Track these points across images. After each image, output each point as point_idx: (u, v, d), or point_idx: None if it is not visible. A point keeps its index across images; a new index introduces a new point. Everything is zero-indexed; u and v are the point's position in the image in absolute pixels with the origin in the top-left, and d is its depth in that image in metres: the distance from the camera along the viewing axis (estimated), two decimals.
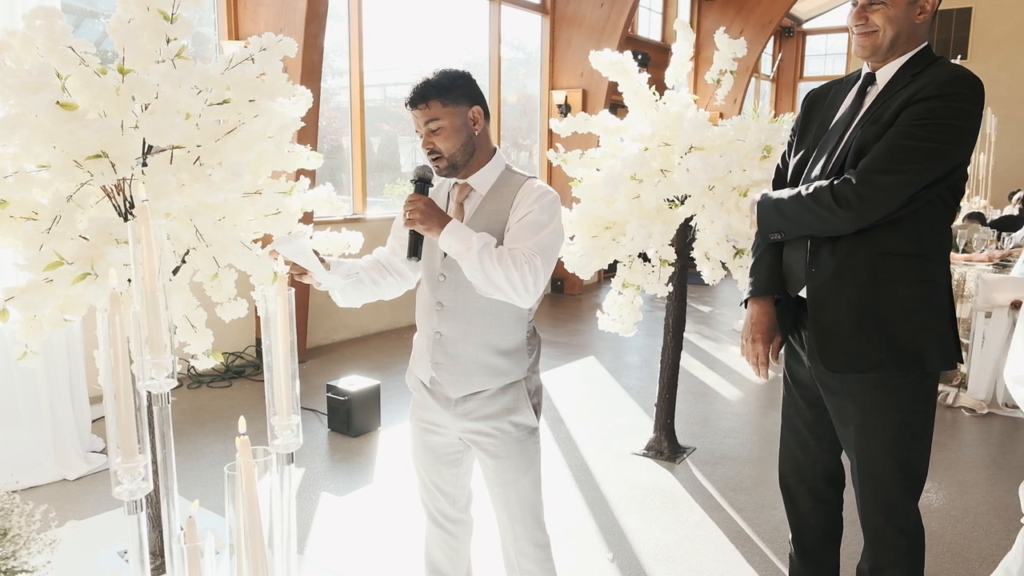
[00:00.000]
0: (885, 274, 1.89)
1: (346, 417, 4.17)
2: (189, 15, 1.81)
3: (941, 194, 1.90)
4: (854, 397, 1.98)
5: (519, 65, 8.85)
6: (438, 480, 2.02)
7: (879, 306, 1.89)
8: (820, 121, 2.09)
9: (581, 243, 3.46)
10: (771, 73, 14.51)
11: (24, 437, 3.53)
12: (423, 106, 1.79)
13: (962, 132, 1.84)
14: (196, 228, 1.83)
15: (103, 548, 1.95)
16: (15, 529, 1.06)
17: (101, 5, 5.02)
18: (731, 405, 4.82)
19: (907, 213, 1.86)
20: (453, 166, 1.84)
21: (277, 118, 1.95)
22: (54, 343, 3.56)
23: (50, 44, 1.66)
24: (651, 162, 3.30)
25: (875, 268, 1.90)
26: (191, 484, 3.43)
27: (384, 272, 2.01)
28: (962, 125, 1.83)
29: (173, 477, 1.12)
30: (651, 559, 2.89)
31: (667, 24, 11.05)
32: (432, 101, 1.78)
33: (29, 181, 1.68)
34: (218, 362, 2.00)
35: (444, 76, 1.80)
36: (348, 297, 1.97)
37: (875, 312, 1.89)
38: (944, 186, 1.88)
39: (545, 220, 1.79)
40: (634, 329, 3.53)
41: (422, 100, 1.79)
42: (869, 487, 2.02)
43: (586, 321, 7.24)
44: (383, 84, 7.35)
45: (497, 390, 1.89)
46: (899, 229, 1.87)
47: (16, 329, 1.74)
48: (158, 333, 1.05)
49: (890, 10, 1.88)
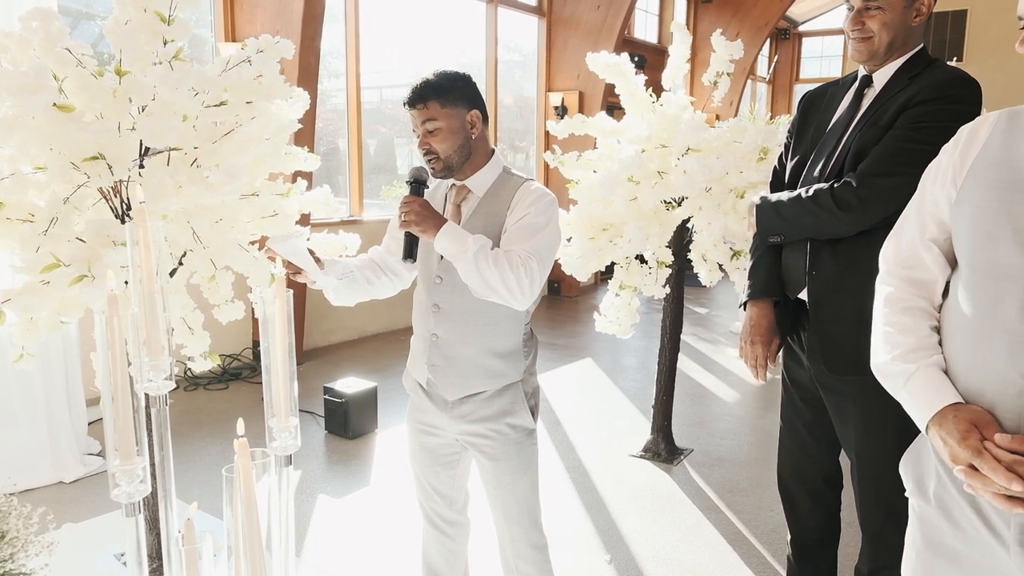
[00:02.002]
0: None
1: (343, 419, 4.17)
2: (186, 17, 1.81)
3: None
4: (854, 398, 1.98)
5: (516, 67, 8.86)
6: (435, 482, 2.02)
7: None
8: (817, 123, 2.09)
9: (578, 245, 3.46)
10: (767, 75, 14.55)
11: (20, 439, 3.52)
12: (421, 106, 1.79)
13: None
14: (193, 230, 1.83)
15: (100, 551, 1.95)
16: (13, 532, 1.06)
17: (97, 7, 5.02)
18: (728, 407, 4.82)
19: None
20: (448, 167, 1.84)
21: (274, 120, 1.95)
22: (50, 345, 3.55)
23: (47, 46, 1.65)
24: (648, 164, 3.30)
25: (876, 270, 1.90)
26: (188, 486, 3.42)
27: (379, 271, 2.01)
28: (960, 127, 1.84)
29: (171, 479, 1.12)
30: (648, 560, 2.89)
31: (663, 26, 11.07)
32: (430, 102, 1.78)
33: (26, 183, 1.67)
34: (215, 364, 1.99)
35: (444, 78, 1.80)
36: (342, 296, 1.97)
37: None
38: None
39: (542, 222, 1.79)
40: (631, 331, 3.53)
41: (420, 100, 1.79)
42: (870, 487, 2.02)
43: (583, 323, 7.25)
44: (379, 86, 7.35)
45: (494, 392, 1.89)
46: None
47: (12, 331, 1.73)
48: (156, 335, 1.05)
49: (887, 15, 1.88)
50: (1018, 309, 1.12)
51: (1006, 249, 1.15)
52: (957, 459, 1.12)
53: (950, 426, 1.14)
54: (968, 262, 1.22)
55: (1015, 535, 1.11)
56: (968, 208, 1.23)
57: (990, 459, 1.07)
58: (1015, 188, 1.17)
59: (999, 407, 1.13)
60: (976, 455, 1.08)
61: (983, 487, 1.08)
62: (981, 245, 1.19)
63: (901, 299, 1.33)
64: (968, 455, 1.09)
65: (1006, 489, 1.05)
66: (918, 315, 1.30)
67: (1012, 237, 1.15)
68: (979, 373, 1.17)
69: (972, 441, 1.10)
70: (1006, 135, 1.22)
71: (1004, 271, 1.15)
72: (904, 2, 1.89)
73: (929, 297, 1.31)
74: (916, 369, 1.23)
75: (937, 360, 1.23)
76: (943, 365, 1.23)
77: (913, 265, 1.34)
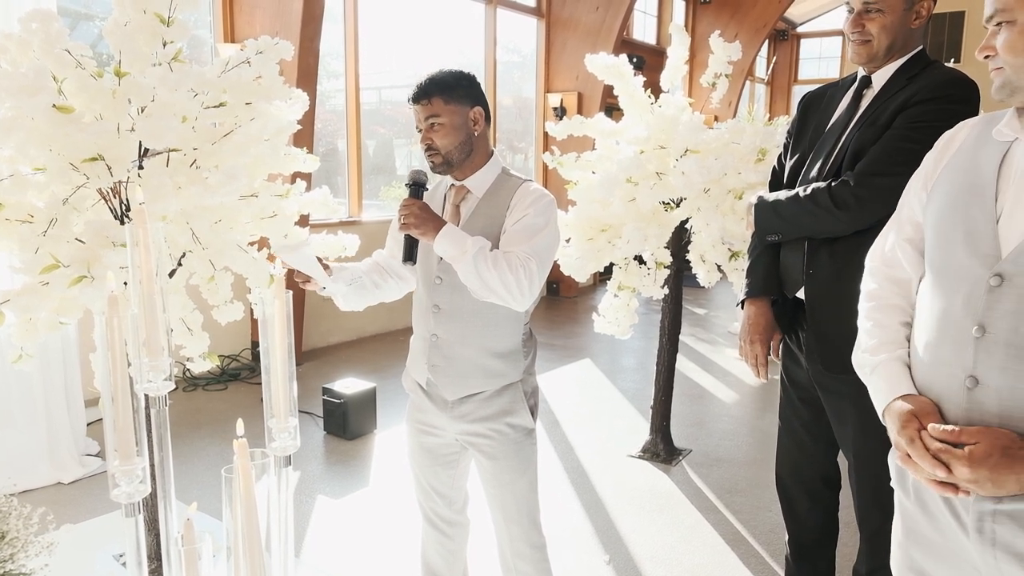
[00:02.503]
0: None
1: (342, 420, 4.16)
2: (185, 18, 1.82)
3: None
4: (852, 397, 1.98)
5: (514, 68, 8.86)
6: (435, 482, 2.03)
7: None
8: (816, 124, 2.10)
9: (577, 245, 3.46)
10: (766, 76, 14.55)
11: (19, 440, 3.51)
12: (425, 101, 1.81)
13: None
14: (192, 231, 1.83)
15: (99, 551, 1.95)
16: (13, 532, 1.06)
17: (96, 8, 5.02)
18: (727, 407, 4.83)
19: None
20: (448, 163, 1.85)
21: (273, 121, 1.95)
22: (49, 346, 3.54)
23: (46, 47, 1.65)
24: (647, 165, 3.31)
25: None
26: (187, 487, 3.42)
27: (385, 275, 2.03)
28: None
29: (170, 480, 1.12)
30: (647, 561, 2.89)
31: (662, 27, 11.07)
32: (434, 98, 1.80)
33: (25, 184, 1.67)
34: (214, 365, 2.00)
35: (448, 74, 1.83)
36: (351, 301, 1.99)
37: None
38: None
39: (540, 223, 1.80)
40: (630, 331, 3.53)
41: (424, 96, 1.81)
42: (867, 487, 2.03)
43: (582, 323, 7.25)
44: (378, 87, 7.35)
45: (493, 392, 1.89)
46: None
47: (12, 332, 1.73)
48: (155, 336, 1.05)
49: (887, 18, 1.89)
50: (963, 307, 1.18)
51: (958, 250, 1.21)
52: (897, 446, 1.22)
53: (895, 415, 1.23)
54: (929, 263, 1.29)
55: (973, 521, 1.16)
56: (932, 210, 1.29)
57: (919, 447, 1.16)
58: (972, 191, 1.22)
59: (945, 400, 1.20)
60: (909, 443, 1.17)
61: (917, 472, 1.17)
62: (939, 246, 1.26)
63: (880, 296, 1.40)
64: (903, 443, 1.19)
65: (933, 475, 1.14)
66: (892, 312, 1.37)
67: (963, 239, 1.20)
68: (932, 367, 1.23)
69: (909, 430, 1.18)
70: (976, 140, 1.27)
71: (956, 272, 1.21)
72: (904, 5, 1.89)
73: (906, 295, 1.38)
74: (880, 362, 1.31)
75: (900, 355, 1.31)
76: (906, 360, 1.30)
77: (892, 264, 1.41)
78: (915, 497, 1.30)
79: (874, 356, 1.33)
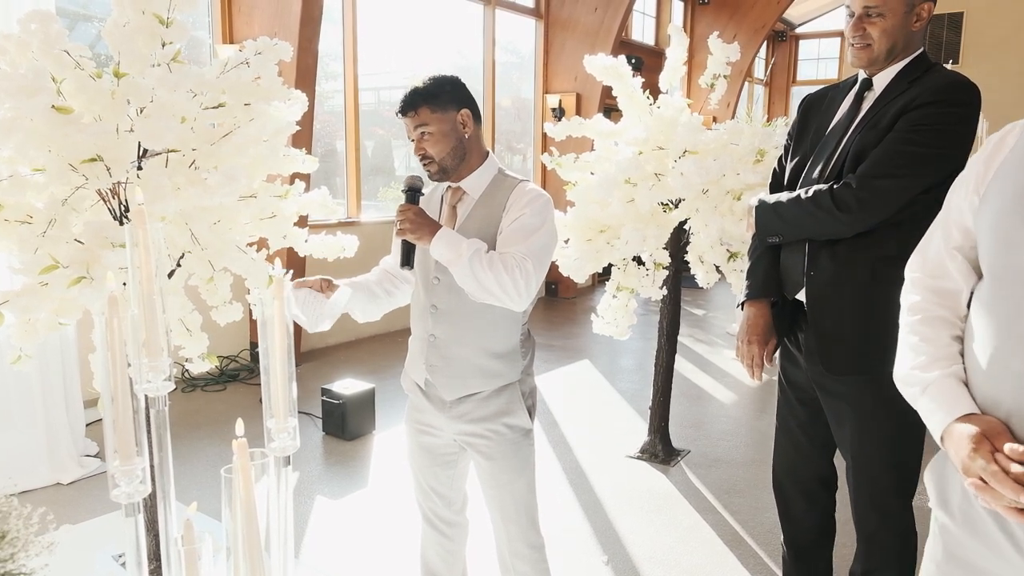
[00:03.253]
0: (884, 277, 1.90)
1: (341, 420, 4.17)
2: (184, 19, 1.82)
3: (939, 198, 1.91)
4: (851, 399, 1.99)
5: (513, 69, 8.86)
6: (433, 482, 2.03)
7: (879, 309, 1.90)
8: (817, 126, 2.10)
9: (575, 246, 3.46)
10: (764, 77, 14.56)
11: (18, 441, 3.51)
12: (412, 113, 1.82)
13: (959, 137, 1.86)
14: (191, 231, 1.83)
15: (98, 552, 1.95)
16: (13, 532, 1.06)
17: (95, 8, 5.02)
18: (725, 408, 4.83)
19: (906, 217, 1.87)
20: (444, 170, 1.86)
21: (272, 122, 1.96)
22: (48, 346, 3.54)
23: (45, 48, 1.65)
24: (645, 166, 3.31)
25: (875, 271, 1.91)
26: (186, 487, 3.42)
27: (395, 281, 2.04)
28: (959, 130, 1.85)
29: (170, 480, 1.12)
30: (645, 561, 2.90)
31: (661, 28, 11.08)
32: (421, 108, 1.81)
33: (24, 185, 1.67)
34: (213, 365, 2.00)
35: (432, 83, 1.83)
36: (367, 313, 1.99)
37: (875, 315, 1.90)
38: (942, 190, 1.89)
39: (537, 224, 1.80)
40: (628, 332, 3.54)
41: (411, 107, 1.82)
42: (865, 488, 2.03)
43: (580, 324, 7.25)
44: (377, 88, 7.35)
45: (491, 392, 1.90)
46: (898, 233, 1.88)
47: (11, 333, 1.73)
48: (155, 336, 1.05)
49: (887, 21, 1.89)
50: None
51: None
52: (968, 471, 1.08)
53: (960, 438, 1.10)
54: (989, 269, 1.20)
55: None
56: (989, 214, 1.20)
57: (998, 471, 1.03)
58: None
59: (1016, 417, 1.09)
60: (985, 468, 1.05)
61: (994, 500, 1.04)
62: (1001, 251, 1.16)
63: (925, 308, 1.30)
64: (978, 467, 1.06)
65: (1015, 502, 1.01)
66: (940, 325, 1.27)
67: None
68: (997, 382, 1.12)
69: (982, 452, 1.06)
70: None
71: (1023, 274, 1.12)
72: (904, 8, 1.89)
73: (953, 307, 1.29)
74: (933, 379, 1.20)
75: (956, 370, 1.20)
76: (962, 376, 1.19)
77: (939, 275, 1.32)
78: (962, 519, 1.20)
79: (926, 373, 1.21)
